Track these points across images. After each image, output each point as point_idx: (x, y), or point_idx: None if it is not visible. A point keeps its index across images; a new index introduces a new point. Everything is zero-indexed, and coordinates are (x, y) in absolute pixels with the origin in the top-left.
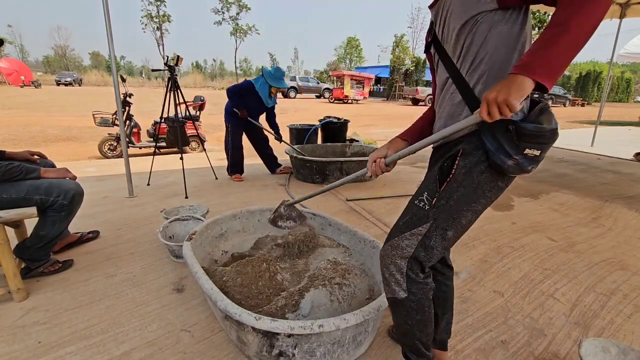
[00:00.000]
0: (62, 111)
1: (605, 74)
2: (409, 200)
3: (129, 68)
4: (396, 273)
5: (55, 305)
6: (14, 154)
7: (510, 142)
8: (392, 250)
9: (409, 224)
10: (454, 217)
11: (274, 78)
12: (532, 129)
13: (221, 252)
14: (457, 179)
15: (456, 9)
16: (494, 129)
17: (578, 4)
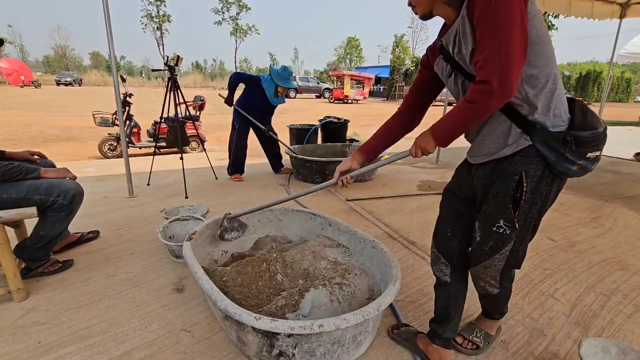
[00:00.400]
0: (62, 111)
1: (605, 74)
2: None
3: (129, 68)
4: (491, 280)
5: (55, 305)
6: (14, 154)
7: (570, 150)
8: (485, 269)
9: (494, 248)
10: (532, 227)
11: (280, 77)
12: (589, 136)
13: (221, 252)
14: (529, 201)
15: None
16: (551, 140)
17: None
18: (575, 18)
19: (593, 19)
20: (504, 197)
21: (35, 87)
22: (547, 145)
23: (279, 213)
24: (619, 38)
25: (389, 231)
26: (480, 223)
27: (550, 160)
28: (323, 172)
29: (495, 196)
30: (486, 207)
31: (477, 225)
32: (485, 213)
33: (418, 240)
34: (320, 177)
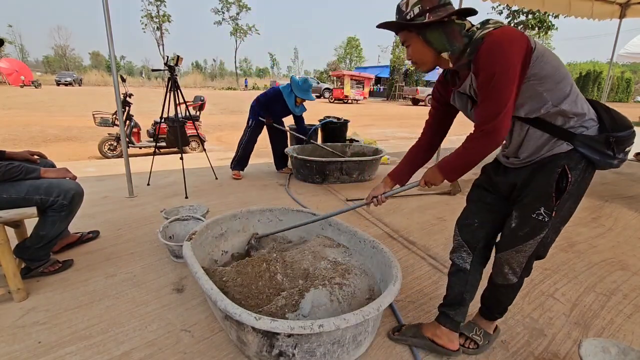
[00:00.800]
0: (62, 111)
1: (605, 74)
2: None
3: (129, 68)
4: (516, 267)
5: (55, 305)
6: (14, 154)
7: (614, 149)
8: (516, 253)
9: (529, 235)
10: (567, 217)
11: (301, 89)
12: (627, 134)
13: (221, 252)
14: (571, 191)
15: None
16: (593, 143)
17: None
18: (575, 18)
19: (593, 19)
20: (547, 187)
21: (35, 87)
22: (591, 148)
23: (279, 213)
24: (619, 38)
25: (389, 231)
26: (519, 211)
27: (592, 158)
28: (323, 172)
29: (538, 187)
30: (526, 196)
31: (515, 214)
32: (523, 202)
33: (418, 240)
34: (320, 177)
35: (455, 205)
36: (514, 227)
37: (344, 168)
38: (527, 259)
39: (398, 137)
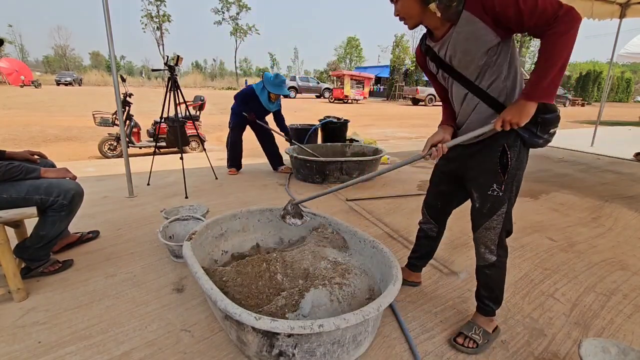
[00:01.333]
0: (62, 111)
1: (605, 74)
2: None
3: (129, 68)
4: (491, 245)
5: (55, 305)
6: (14, 154)
7: (539, 129)
8: (486, 231)
9: (492, 210)
10: (517, 188)
11: (272, 84)
12: (553, 117)
13: (221, 252)
14: (514, 165)
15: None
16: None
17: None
18: None
19: (593, 19)
20: (494, 165)
21: (35, 87)
22: (523, 129)
23: (279, 213)
24: (619, 38)
25: (389, 231)
26: (478, 191)
27: (524, 138)
28: (323, 172)
29: (487, 166)
30: (480, 177)
31: (475, 195)
32: (479, 181)
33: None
34: (320, 177)
35: None
36: (478, 207)
37: (344, 168)
38: (499, 236)
39: (398, 137)
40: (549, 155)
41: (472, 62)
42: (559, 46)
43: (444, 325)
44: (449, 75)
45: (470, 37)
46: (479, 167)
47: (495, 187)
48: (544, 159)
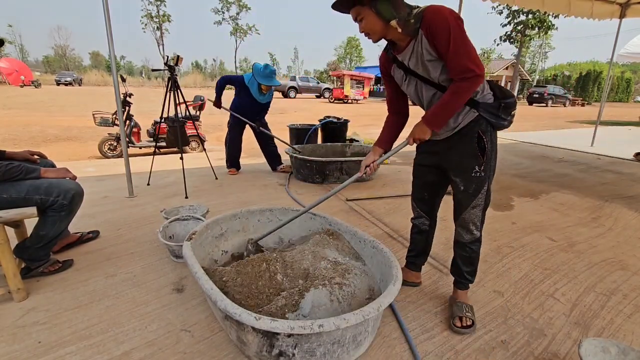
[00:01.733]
0: (62, 111)
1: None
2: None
3: (129, 68)
4: (477, 222)
5: (55, 305)
6: (14, 154)
7: (502, 112)
8: (473, 209)
9: (477, 189)
10: (493, 167)
11: (262, 75)
12: (512, 101)
13: (221, 252)
14: (489, 147)
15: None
16: (490, 109)
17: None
18: (575, 18)
19: (593, 19)
20: (473, 150)
21: (35, 87)
22: (489, 113)
23: (279, 213)
24: (619, 38)
25: (389, 231)
26: (462, 176)
27: (492, 122)
28: (323, 172)
29: (467, 152)
30: (463, 162)
31: (458, 180)
32: (462, 167)
33: None
34: (320, 177)
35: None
36: (464, 189)
37: (344, 168)
38: (483, 212)
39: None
40: (549, 155)
41: (433, 69)
42: (455, 97)
43: (444, 325)
44: (417, 79)
45: (424, 55)
46: (460, 155)
47: (477, 168)
48: (544, 159)
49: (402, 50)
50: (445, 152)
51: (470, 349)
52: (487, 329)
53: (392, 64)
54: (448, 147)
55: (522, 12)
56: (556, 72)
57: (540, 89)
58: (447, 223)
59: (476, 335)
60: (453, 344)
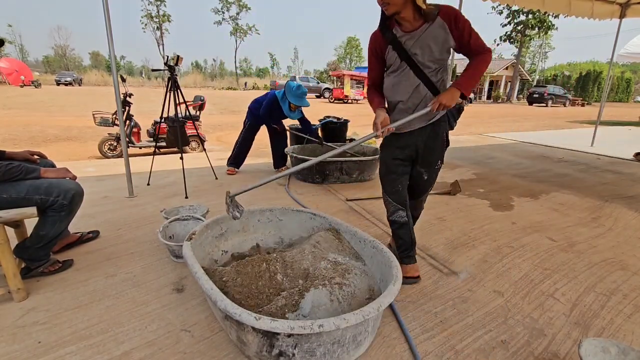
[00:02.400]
0: (62, 111)
1: (605, 74)
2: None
3: (129, 68)
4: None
5: (55, 305)
6: (14, 154)
7: (457, 115)
8: (426, 194)
9: (434, 179)
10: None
11: (294, 95)
12: (462, 108)
13: (221, 252)
14: (446, 145)
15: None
16: (453, 110)
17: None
18: (576, 18)
19: (593, 19)
20: (441, 147)
21: (35, 87)
22: (451, 112)
23: (279, 213)
24: (619, 38)
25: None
26: (427, 168)
27: (451, 123)
28: (323, 172)
29: (436, 148)
30: (431, 157)
31: (424, 170)
32: (430, 160)
33: (418, 240)
34: (320, 177)
35: (455, 205)
36: (427, 179)
37: (344, 168)
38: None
39: None
40: (549, 155)
41: (432, 58)
42: (483, 65)
43: (444, 325)
44: (407, 65)
45: (438, 38)
46: (430, 150)
47: (439, 163)
48: (544, 159)
49: (412, 30)
50: (417, 147)
51: (470, 349)
52: (487, 329)
53: (388, 45)
54: (420, 142)
55: (522, 12)
56: (556, 72)
57: (540, 89)
58: (447, 223)
59: (476, 335)
60: (453, 344)
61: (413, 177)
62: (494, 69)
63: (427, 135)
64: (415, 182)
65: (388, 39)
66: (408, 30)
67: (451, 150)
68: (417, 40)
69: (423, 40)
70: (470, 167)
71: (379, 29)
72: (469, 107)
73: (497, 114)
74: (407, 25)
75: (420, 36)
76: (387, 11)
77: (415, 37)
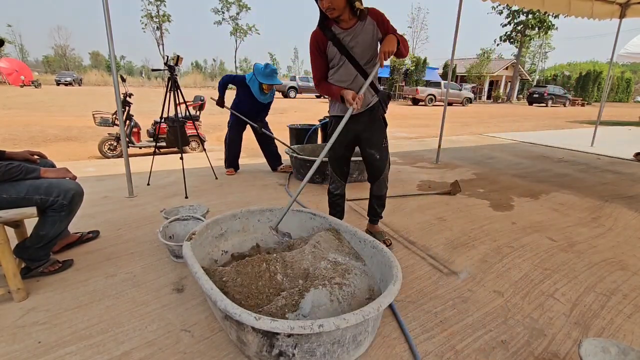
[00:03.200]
0: (62, 111)
1: (605, 74)
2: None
3: (129, 68)
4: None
5: (55, 305)
6: (14, 154)
7: (387, 101)
8: (386, 172)
9: (387, 156)
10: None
11: (263, 74)
12: (390, 95)
13: (221, 252)
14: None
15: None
16: (383, 96)
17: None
18: (576, 18)
19: (593, 19)
20: (381, 127)
21: (35, 87)
22: (382, 99)
23: (279, 213)
24: (619, 38)
25: (389, 231)
26: (375, 147)
27: (383, 107)
28: (323, 172)
29: (377, 129)
30: (374, 137)
31: (373, 151)
32: (375, 140)
33: (418, 240)
34: (320, 177)
35: (455, 205)
36: (379, 158)
37: None
38: (388, 169)
39: (398, 137)
40: (549, 155)
41: (367, 51)
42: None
43: (444, 325)
44: (346, 59)
45: (369, 33)
46: (372, 131)
47: (384, 141)
48: (544, 159)
49: (349, 28)
50: (360, 131)
51: (470, 349)
52: (487, 329)
53: (328, 42)
54: (364, 128)
55: (522, 12)
56: (556, 72)
57: (540, 89)
58: (447, 223)
59: (476, 335)
60: (453, 344)
61: (367, 159)
62: (494, 69)
63: (367, 120)
64: (370, 163)
65: (328, 36)
66: (345, 27)
67: (451, 150)
68: (354, 36)
69: (359, 35)
70: (470, 167)
71: (319, 28)
72: (469, 107)
73: (497, 114)
74: (343, 23)
75: (355, 32)
76: (332, 15)
77: (352, 33)
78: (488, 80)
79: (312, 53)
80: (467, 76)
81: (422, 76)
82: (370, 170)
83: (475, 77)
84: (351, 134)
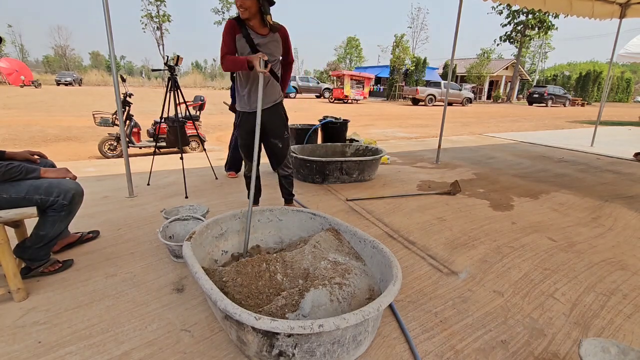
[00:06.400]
0: (62, 111)
1: (605, 74)
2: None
3: (129, 68)
4: (289, 164)
5: (55, 305)
6: (14, 154)
7: None
8: (286, 158)
9: (287, 145)
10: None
11: None
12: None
13: (221, 252)
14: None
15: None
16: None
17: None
18: (576, 18)
19: (593, 19)
20: (283, 120)
21: (35, 87)
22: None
23: (279, 213)
24: (619, 38)
25: (389, 231)
26: (278, 138)
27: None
28: (323, 172)
29: (279, 121)
30: (277, 129)
31: (276, 141)
32: (277, 132)
33: (418, 240)
34: (320, 177)
35: (455, 205)
36: (281, 147)
37: (344, 168)
38: (288, 158)
39: (398, 137)
40: (549, 155)
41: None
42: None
43: (443, 325)
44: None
45: (277, 46)
46: (274, 123)
47: (285, 132)
48: (544, 159)
49: (261, 35)
50: (264, 123)
51: (470, 349)
52: (487, 329)
53: (240, 33)
54: (269, 120)
55: (522, 12)
56: (556, 72)
57: (540, 89)
58: (447, 223)
59: (476, 335)
60: (453, 344)
61: (272, 148)
62: (494, 69)
63: (270, 114)
64: (274, 151)
65: (242, 31)
66: (258, 33)
67: (451, 150)
68: (265, 43)
69: (268, 42)
70: (470, 167)
71: (236, 20)
72: (469, 107)
73: (497, 114)
74: (257, 29)
75: (266, 38)
76: (242, 15)
77: (261, 38)
78: (488, 80)
79: (225, 34)
80: (467, 76)
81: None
82: (275, 157)
83: (475, 77)
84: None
